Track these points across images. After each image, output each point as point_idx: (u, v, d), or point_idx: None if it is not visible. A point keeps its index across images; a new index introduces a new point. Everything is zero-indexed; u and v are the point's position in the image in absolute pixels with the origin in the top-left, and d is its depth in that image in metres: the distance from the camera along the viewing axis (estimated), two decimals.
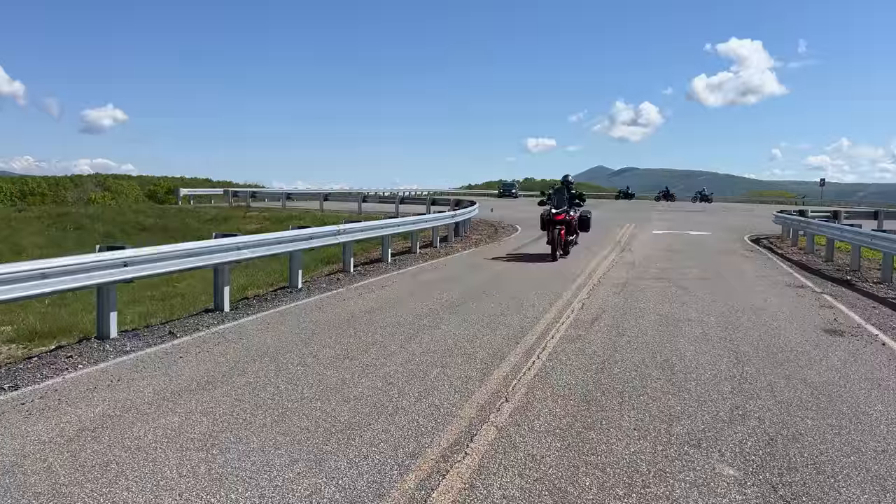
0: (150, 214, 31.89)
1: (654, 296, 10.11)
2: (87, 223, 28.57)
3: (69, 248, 19.87)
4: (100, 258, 7.17)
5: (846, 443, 4.52)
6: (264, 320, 8.29)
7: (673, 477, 3.95)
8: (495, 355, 6.55)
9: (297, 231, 11.10)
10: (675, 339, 7.36)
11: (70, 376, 5.88)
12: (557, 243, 14.37)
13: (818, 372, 6.22)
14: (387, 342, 7.05)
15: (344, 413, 4.91)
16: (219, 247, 9.01)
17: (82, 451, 4.21)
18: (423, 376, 5.83)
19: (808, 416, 5.01)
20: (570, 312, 8.68)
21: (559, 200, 14.71)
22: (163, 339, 7.32)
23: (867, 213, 28.11)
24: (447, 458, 4.15)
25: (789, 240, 20.51)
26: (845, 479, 3.98)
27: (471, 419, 4.81)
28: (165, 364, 6.25)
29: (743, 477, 3.97)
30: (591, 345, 7.04)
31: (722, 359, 6.60)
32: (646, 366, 6.29)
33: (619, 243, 18.72)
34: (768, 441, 4.52)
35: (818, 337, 7.70)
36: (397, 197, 35.23)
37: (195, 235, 22.13)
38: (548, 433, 4.58)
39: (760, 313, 8.98)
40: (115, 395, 5.33)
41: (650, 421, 4.85)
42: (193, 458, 4.10)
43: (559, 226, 14.44)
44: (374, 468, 3.99)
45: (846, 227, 15.35)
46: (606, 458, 4.19)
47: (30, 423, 4.68)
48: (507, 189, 61.36)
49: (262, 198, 39.63)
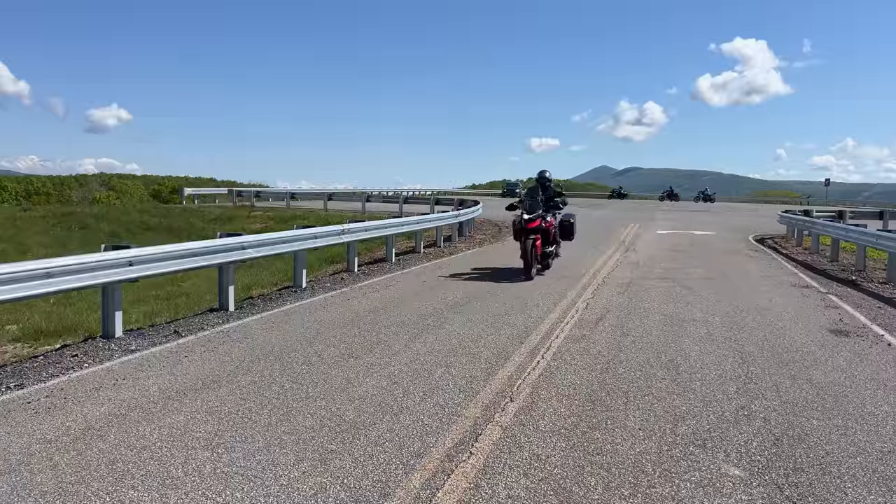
0: (154, 214, 31.95)
1: (659, 296, 10.09)
2: (92, 223, 28.65)
3: (74, 248, 19.94)
4: (105, 257, 7.19)
5: (852, 443, 4.51)
6: (269, 320, 8.30)
7: (678, 477, 3.94)
8: (500, 355, 6.54)
9: (301, 231, 11.11)
10: (680, 340, 7.35)
11: (76, 375, 5.90)
12: (532, 257, 11.56)
13: (824, 372, 6.20)
14: (391, 342, 7.05)
15: (349, 412, 4.92)
16: (223, 246, 9.03)
17: (88, 449, 4.22)
18: (428, 376, 5.83)
19: (813, 417, 5.00)
20: (575, 312, 8.67)
21: (533, 203, 11.91)
22: (168, 338, 7.34)
23: (872, 213, 28.04)
24: (452, 457, 4.15)
25: (794, 240, 20.45)
26: (851, 479, 3.96)
27: (476, 419, 4.81)
28: (171, 363, 6.26)
29: (749, 477, 3.96)
30: (596, 345, 7.03)
31: (727, 359, 6.58)
32: (651, 366, 6.28)
33: (623, 243, 18.69)
34: (774, 441, 4.50)
35: (824, 337, 7.68)
36: (401, 197, 35.23)
37: (200, 235, 22.20)
38: (553, 433, 4.58)
39: (766, 313, 8.95)
40: (120, 394, 5.35)
41: (655, 421, 4.84)
42: (199, 457, 4.10)
43: (533, 235, 11.62)
44: (380, 467, 4.00)
45: (851, 227, 15.30)
46: (612, 458, 4.18)
47: (36, 422, 4.70)
48: (511, 189, 61.36)
49: (266, 197, 39.69)
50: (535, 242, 11.56)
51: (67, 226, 27.83)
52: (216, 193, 43.41)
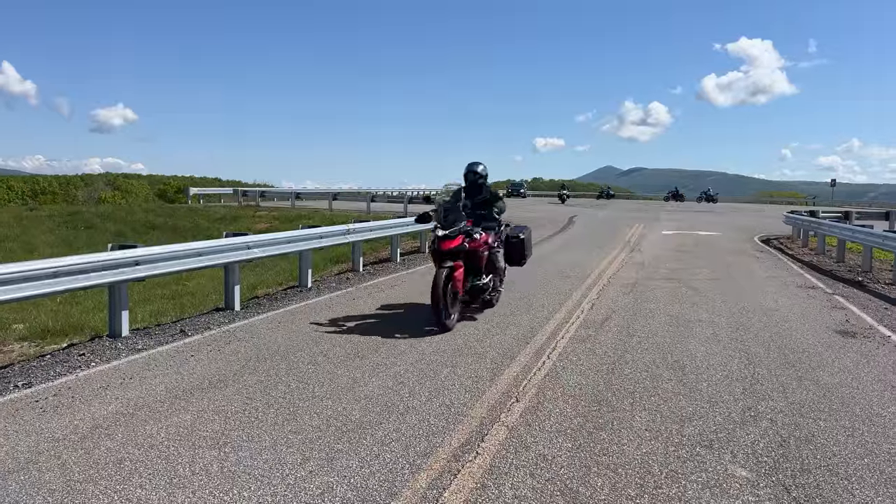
0: (160, 214, 32.04)
1: (665, 296, 10.08)
2: (98, 222, 28.73)
3: (80, 247, 20.04)
4: (112, 257, 7.22)
5: (859, 444, 4.50)
6: (275, 319, 8.31)
7: (685, 478, 3.94)
8: (505, 355, 6.54)
9: (306, 230, 11.13)
10: (685, 340, 7.33)
11: (83, 374, 5.93)
12: (447, 297, 7.44)
13: (830, 373, 6.19)
14: (397, 341, 7.05)
15: (355, 412, 4.92)
16: (229, 246, 9.06)
17: (96, 448, 4.24)
18: (434, 376, 5.84)
19: (820, 418, 4.98)
20: (580, 313, 8.66)
21: (450, 213, 7.86)
22: (174, 337, 7.36)
23: (878, 214, 27.90)
24: (458, 457, 4.16)
25: (800, 240, 20.39)
26: (859, 480, 3.95)
27: (482, 419, 4.81)
28: (177, 362, 6.28)
29: (755, 478, 3.95)
30: (602, 345, 7.02)
31: (733, 360, 6.57)
32: (657, 366, 6.27)
33: (628, 243, 18.66)
34: (781, 442, 4.50)
35: (830, 338, 7.66)
36: (406, 197, 35.25)
37: (205, 235, 22.25)
38: (559, 433, 4.58)
39: (771, 314, 8.93)
40: (127, 392, 5.37)
41: (662, 422, 4.84)
42: (206, 456, 4.12)
43: (451, 261, 7.60)
44: (386, 467, 4.00)
45: (857, 227, 15.25)
46: (618, 459, 4.18)
47: (44, 421, 4.72)
48: (516, 189, 61.37)
49: (271, 197, 39.74)
50: (452, 272, 7.52)
51: (73, 225, 27.93)
52: (221, 193, 43.51)
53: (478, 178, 8.73)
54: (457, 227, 7.70)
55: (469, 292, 8.07)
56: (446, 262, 7.57)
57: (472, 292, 8.12)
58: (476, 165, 8.78)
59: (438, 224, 7.80)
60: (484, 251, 8.08)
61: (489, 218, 8.58)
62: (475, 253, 7.91)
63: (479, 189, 8.73)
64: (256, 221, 29.14)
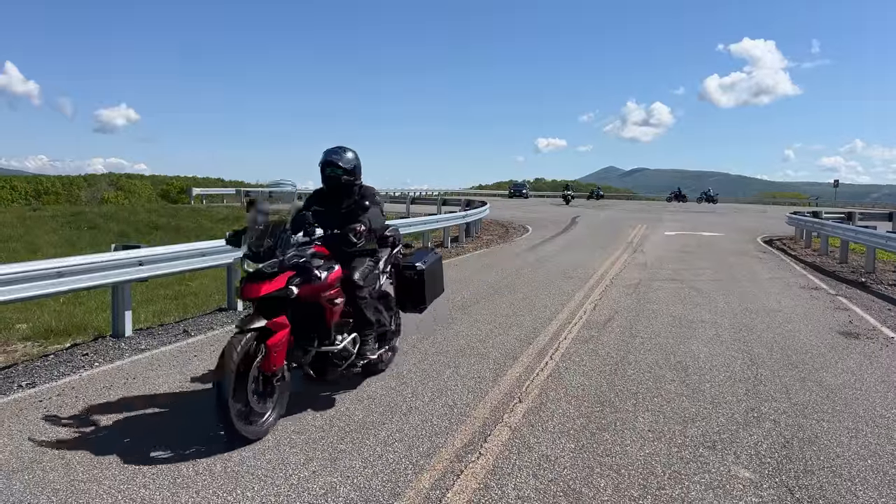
0: (163, 214, 32.08)
1: (667, 297, 10.07)
2: (101, 222, 28.77)
3: (83, 248, 20.06)
4: (115, 257, 7.24)
5: (863, 445, 4.49)
6: None
7: (688, 479, 3.94)
8: (508, 356, 6.55)
9: None
10: (688, 341, 7.33)
11: (86, 374, 5.94)
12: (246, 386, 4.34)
13: (833, 374, 6.18)
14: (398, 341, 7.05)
15: (358, 412, 4.93)
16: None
17: (99, 448, 4.24)
18: (437, 376, 5.84)
19: (823, 419, 4.98)
20: (583, 313, 8.66)
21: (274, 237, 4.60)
22: (177, 337, 7.38)
23: (882, 215, 27.86)
24: (461, 457, 4.16)
25: (802, 241, 20.36)
26: (862, 482, 3.95)
27: (484, 419, 4.81)
28: (181, 362, 6.29)
29: (759, 479, 3.95)
30: (605, 346, 7.02)
31: (736, 361, 6.56)
32: (659, 367, 6.27)
33: (630, 244, 18.65)
34: (784, 443, 4.49)
35: (833, 339, 7.65)
36: (408, 197, 35.27)
37: (208, 235, 22.27)
38: (562, 434, 4.58)
39: (774, 315, 8.92)
40: (131, 392, 5.38)
41: (665, 422, 4.84)
42: (209, 456, 4.12)
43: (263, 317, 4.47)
44: (389, 467, 4.01)
45: (861, 228, 15.21)
46: (621, 460, 4.18)
47: (47, 421, 4.73)
48: (518, 189, 61.41)
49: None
50: (265, 338, 4.46)
51: (77, 225, 27.96)
52: (224, 193, 43.62)
53: (340, 174, 5.32)
54: (280, 259, 4.58)
55: (314, 365, 5.01)
56: (256, 318, 4.46)
57: (317, 365, 5.02)
58: (337, 154, 5.33)
59: (248, 253, 4.62)
60: (334, 298, 4.95)
61: (345, 241, 5.03)
62: (314, 303, 4.79)
63: (346, 191, 5.40)
64: None
